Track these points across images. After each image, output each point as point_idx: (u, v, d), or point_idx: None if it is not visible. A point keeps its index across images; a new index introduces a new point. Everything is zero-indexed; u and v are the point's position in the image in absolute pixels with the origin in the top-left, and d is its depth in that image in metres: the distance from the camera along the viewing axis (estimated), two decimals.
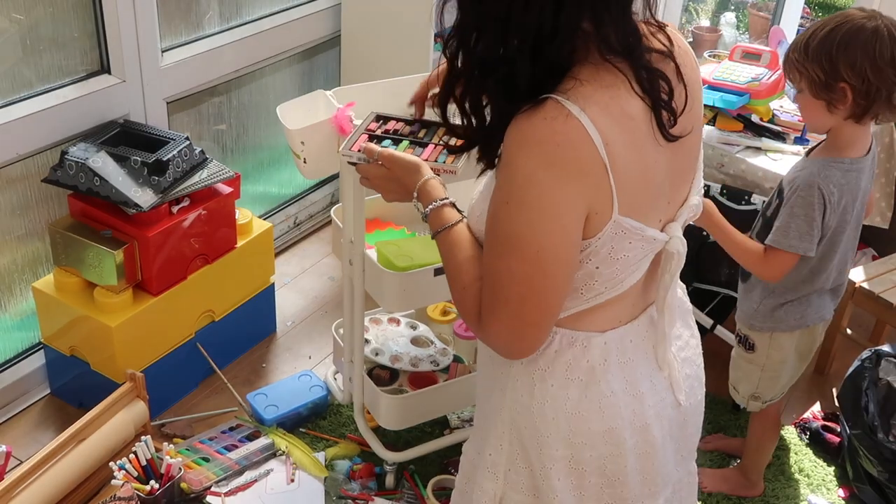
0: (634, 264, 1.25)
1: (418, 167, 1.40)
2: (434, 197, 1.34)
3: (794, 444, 2.59)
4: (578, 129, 1.11)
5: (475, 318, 1.24)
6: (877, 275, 2.79)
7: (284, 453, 2.40)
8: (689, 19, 4.77)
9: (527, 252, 1.15)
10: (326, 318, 2.97)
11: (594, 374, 1.30)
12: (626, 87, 1.15)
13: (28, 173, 2.43)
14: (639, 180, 1.18)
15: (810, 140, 2.92)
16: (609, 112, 1.13)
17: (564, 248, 1.16)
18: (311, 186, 3.50)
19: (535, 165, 1.13)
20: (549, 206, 1.13)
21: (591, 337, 1.30)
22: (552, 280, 1.17)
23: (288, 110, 2.10)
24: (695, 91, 1.27)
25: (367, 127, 1.66)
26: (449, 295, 2.22)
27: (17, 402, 2.54)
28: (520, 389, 1.33)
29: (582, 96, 1.13)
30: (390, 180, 1.43)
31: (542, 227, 1.14)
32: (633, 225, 1.20)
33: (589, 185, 1.14)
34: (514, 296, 1.18)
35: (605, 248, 1.20)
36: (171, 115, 2.77)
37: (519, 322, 1.20)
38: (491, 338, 1.24)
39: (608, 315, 1.30)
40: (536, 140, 1.12)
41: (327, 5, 3.22)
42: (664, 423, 1.37)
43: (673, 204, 1.30)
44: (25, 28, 2.35)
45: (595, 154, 1.12)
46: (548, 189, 1.13)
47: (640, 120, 1.17)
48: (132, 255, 2.33)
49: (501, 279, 1.19)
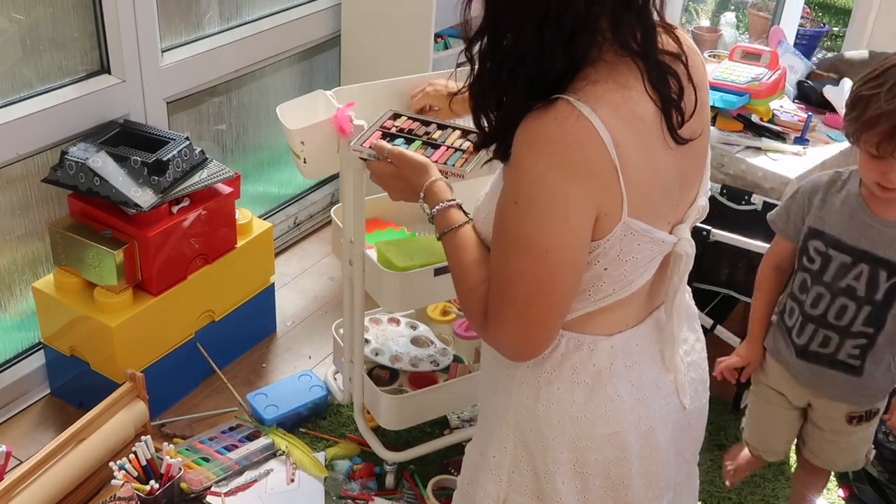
0: (643, 266, 1.25)
1: (426, 168, 1.40)
2: (440, 198, 1.35)
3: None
4: (589, 130, 1.11)
5: (481, 320, 1.24)
6: None
7: (284, 453, 2.40)
8: (689, 19, 4.77)
9: (535, 252, 1.15)
10: (326, 318, 2.97)
11: (600, 378, 1.30)
12: (639, 88, 1.15)
13: (28, 173, 2.43)
14: (649, 183, 1.18)
15: (810, 140, 2.92)
16: (620, 114, 1.13)
17: (573, 249, 1.16)
18: (311, 186, 3.50)
19: (545, 166, 1.12)
20: (559, 206, 1.13)
21: (598, 340, 1.29)
22: (560, 280, 1.17)
23: (288, 110, 2.10)
24: (703, 94, 1.27)
25: (382, 124, 1.66)
26: (449, 295, 2.23)
27: (17, 402, 2.54)
28: (525, 392, 1.32)
29: (593, 97, 1.12)
30: (398, 179, 1.44)
31: (551, 227, 1.14)
32: (641, 227, 1.19)
33: (599, 186, 1.13)
34: (522, 296, 1.17)
35: (614, 249, 1.20)
36: (171, 115, 2.77)
37: (526, 323, 1.19)
38: (497, 339, 1.24)
39: (615, 318, 1.30)
40: (547, 140, 1.12)
41: (327, 5, 3.22)
42: (669, 427, 1.37)
43: (681, 206, 1.29)
44: (25, 28, 2.35)
45: (605, 155, 1.12)
46: (558, 189, 1.12)
47: (650, 122, 1.17)
48: (132, 255, 2.33)
49: (509, 279, 1.18)
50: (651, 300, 1.35)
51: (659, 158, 1.19)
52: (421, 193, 1.38)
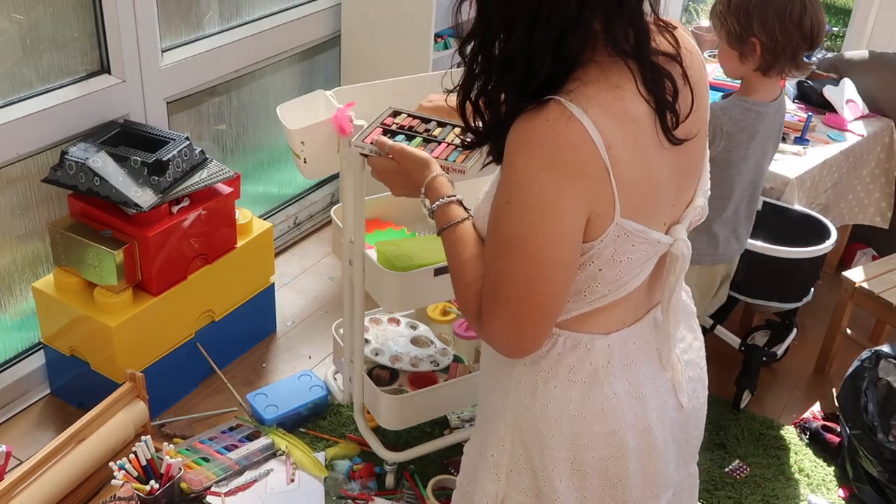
0: (638, 267, 1.25)
1: (427, 163, 1.40)
2: (441, 193, 1.35)
3: (794, 444, 2.59)
4: (580, 131, 1.11)
5: (475, 317, 1.25)
6: (877, 275, 2.79)
7: (284, 453, 2.40)
8: (689, 19, 4.77)
9: (526, 251, 1.15)
10: (326, 318, 2.97)
11: (597, 377, 1.30)
12: (631, 88, 1.15)
13: (28, 173, 2.43)
14: (642, 183, 1.18)
15: (810, 140, 2.93)
16: (612, 114, 1.13)
17: (564, 250, 1.16)
18: (311, 186, 3.50)
19: (536, 167, 1.12)
20: (550, 207, 1.13)
21: (595, 339, 1.30)
22: (550, 281, 1.17)
23: (288, 110, 2.10)
24: (701, 92, 1.27)
25: (382, 121, 1.67)
26: (449, 295, 2.23)
27: (17, 402, 2.54)
28: (523, 391, 1.33)
29: (585, 97, 1.13)
30: (399, 174, 1.44)
31: (543, 227, 1.14)
32: (635, 227, 1.20)
33: (590, 187, 1.14)
34: (513, 296, 1.18)
35: (608, 250, 1.20)
36: (171, 115, 2.77)
37: (518, 322, 1.20)
38: (491, 337, 1.24)
39: (612, 317, 1.30)
40: (538, 142, 1.12)
41: (327, 5, 3.22)
42: (666, 426, 1.37)
43: (677, 206, 1.29)
44: (25, 28, 2.35)
45: (597, 156, 1.12)
46: (549, 190, 1.13)
47: (643, 122, 1.17)
48: (132, 255, 2.33)
49: (501, 279, 1.19)
50: (649, 299, 1.35)
51: (652, 158, 1.19)
52: (422, 189, 1.38)
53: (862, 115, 3.09)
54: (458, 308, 2.56)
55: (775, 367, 2.89)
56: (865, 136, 3.01)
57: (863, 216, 3.16)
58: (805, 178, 2.76)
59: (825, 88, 3.13)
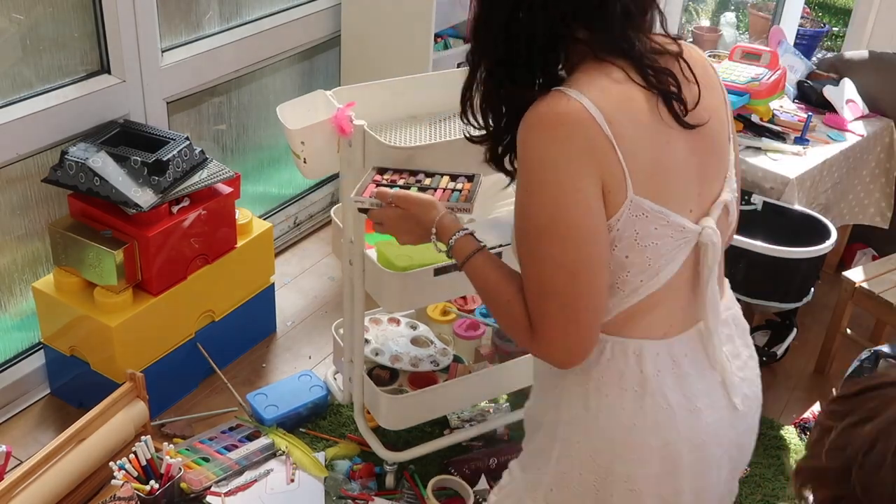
0: (668, 254, 1.26)
1: (433, 204, 1.43)
2: (454, 229, 1.38)
3: (793, 444, 2.59)
4: (579, 108, 1.17)
5: (527, 332, 1.25)
6: (877, 275, 2.79)
7: (284, 453, 2.40)
8: (689, 19, 4.77)
9: (559, 230, 1.18)
10: (326, 318, 2.97)
11: (648, 385, 1.29)
12: (624, 78, 1.21)
13: (28, 173, 2.43)
14: (652, 160, 1.21)
15: (810, 140, 2.92)
16: (609, 94, 1.19)
17: (591, 218, 1.19)
18: (311, 186, 3.50)
19: (545, 146, 1.18)
20: (566, 179, 1.17)
21: (643, 346, 1.29)
22: (588, 257, 1.19)
23: (288, 110, 2.10)
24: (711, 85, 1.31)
25: (372, 178, 1.68)
26: (449, 295, 2.23)
27: (17, 402, 2.54)
28: (574, 402, 1.32)
29: (583, 84, 1.20)
30: (406, 219, 1.45)
31: (565, 200, 1.18)
32: (652, 207, 1.21)
33: (598, 159, 1.18)
34: (560, 286, 1.19)
35: (629, 231, 1.22)
36: (171, 115, 2.77)
37: (571, 312, 1.20)
38: (548, 344, 1.24)
39: (655, 321, 1.30)
40: (542, 124, 1.19)
41: (327, 5, 3.22)
42: (723, 443, 1.36)
43: (703, 196, 1.30)
44: (25, 28, 2.35)
45: (598, 130, 1.17)
46: (562, 165, 1.17)
47: (641, 101, 1.21)
48: (132, 255, 2.33)
49: (543, 273, 1.20)
50: (694, 310, 1.34)
51: (660, 135, 1.22)
52: (433, 229, 1.40)
53: (862, 115, 3.09)
54: (459, 309, 2.56)
55: (775, 367, 2.89)
56: (865, 136, 3.01)
57: (863, 216, 3.16)
58: (805, 178, 2.76)
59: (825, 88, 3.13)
